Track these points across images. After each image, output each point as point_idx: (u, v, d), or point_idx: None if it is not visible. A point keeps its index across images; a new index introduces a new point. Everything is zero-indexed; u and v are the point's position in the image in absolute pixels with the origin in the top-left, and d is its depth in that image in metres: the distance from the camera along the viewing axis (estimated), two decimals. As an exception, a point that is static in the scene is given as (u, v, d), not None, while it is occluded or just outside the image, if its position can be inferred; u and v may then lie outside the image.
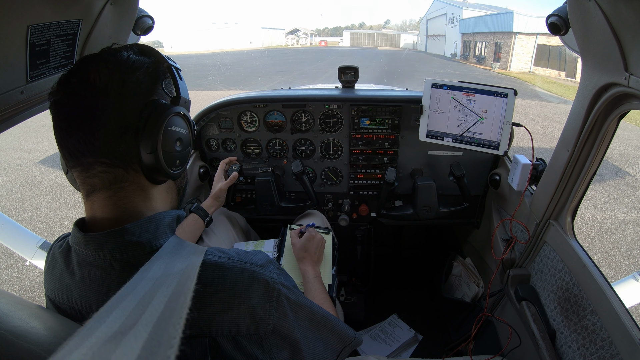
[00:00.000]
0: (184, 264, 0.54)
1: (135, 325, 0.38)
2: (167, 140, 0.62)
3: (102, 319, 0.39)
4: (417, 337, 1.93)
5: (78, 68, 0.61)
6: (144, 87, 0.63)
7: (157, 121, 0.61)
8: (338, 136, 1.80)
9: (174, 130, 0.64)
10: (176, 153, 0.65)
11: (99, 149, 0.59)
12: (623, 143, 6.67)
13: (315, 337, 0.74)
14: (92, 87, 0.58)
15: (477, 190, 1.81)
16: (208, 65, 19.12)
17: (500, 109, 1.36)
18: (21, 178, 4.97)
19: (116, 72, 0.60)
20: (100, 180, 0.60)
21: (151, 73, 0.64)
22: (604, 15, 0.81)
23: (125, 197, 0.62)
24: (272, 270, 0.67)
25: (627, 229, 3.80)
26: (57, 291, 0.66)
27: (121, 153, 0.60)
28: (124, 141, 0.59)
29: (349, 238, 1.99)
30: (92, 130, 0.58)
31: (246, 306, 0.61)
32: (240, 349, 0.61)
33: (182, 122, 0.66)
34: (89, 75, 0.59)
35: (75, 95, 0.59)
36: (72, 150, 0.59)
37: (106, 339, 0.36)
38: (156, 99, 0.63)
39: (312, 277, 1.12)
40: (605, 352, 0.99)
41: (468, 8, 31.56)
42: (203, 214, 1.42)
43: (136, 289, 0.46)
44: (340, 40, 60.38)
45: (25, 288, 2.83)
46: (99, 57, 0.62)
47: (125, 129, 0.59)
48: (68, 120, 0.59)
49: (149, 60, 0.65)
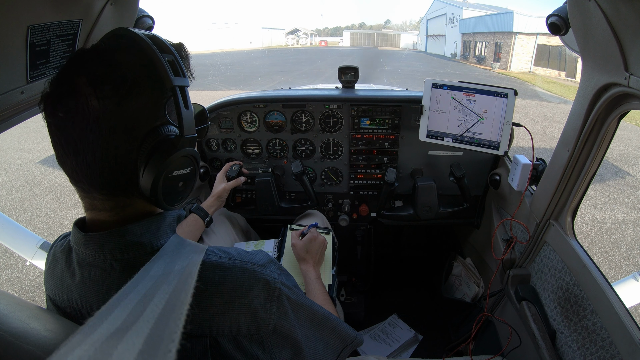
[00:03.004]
0: (184, 263, 0.54)
1: (137, 322, 0.38)
2: (169, 182, 0.58)
3: (105, 316, 0.40)
4: (417, 337, 1.93)
5: (64, 84, 0.53)
6: (144, 114, 0.56)
7: (159, 165, 0.55)
8: (338, 136, 1.80)
9: (177, 175, 0.59)
10: (179, 193, 0.61)
11: (97, 181, 0.56)
12: (623, 143, 6.67)
13: (316, 336, 0.74)
14: (83, 114, 0.52)
15: (477, 191, 1.81)
16: (208, 65, 19.10)
17: (501, 109, 1.36)
18: (21, 178, 4.97)
19: (110, 95, 0.53)
20: (101, 203, 0.59)
21: (153, 95, 0.57)
22: (604, 15, 0.81)
23: (129, 206, 0.62)
24: (273, 270, 0.67)
25: (627, 229, 3.80)
26: (58, 291, 0.65)
27: (121, 183, 0.57)
28: (124, 174, 0.56)
29: (349, 238, 1.99)
30: (87, 162, 0.54)
31: (247, 306, 0.61)
32: (241, 349, 0.61)
33: (188, 162, 0.61)
34: (78, 99, 0.52)
35: (64, 126, 0.53)
36: (69, 173, 0.57)
37: (108, 335, 0.37)
38: (159, 126, 0.57)
39: (313, 278, 1.12)
40: (605, 352, 0.99)
41: (468, 8, 31.55)
42: (203, 214, 1.42)
43: (138, 287, 0.47)
44: (340, 40, 60.36)
45: (26, 288, 2.83)
46: (89, 69, 0.54)
47: (124, 163, 0.55)
48: (62, 146, 0.55)
49: (151, 75, 0.56)
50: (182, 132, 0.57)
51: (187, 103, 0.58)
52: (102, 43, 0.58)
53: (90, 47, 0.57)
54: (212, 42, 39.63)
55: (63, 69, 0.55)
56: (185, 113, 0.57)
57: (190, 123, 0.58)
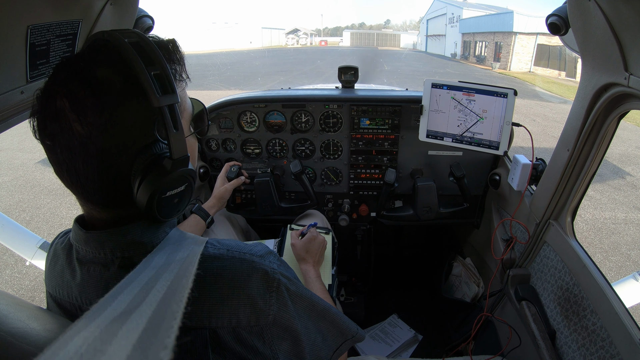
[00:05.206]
0: (185, 253, 0.55)
1: (140, 305, 0.40)
2: (164, 200, 0.57)
3: (108, 303, 0.42)
4: (417, 337, 1.93)
5: (48, 108, 0.51)
6: (132, 134, 0.54)
7: (152, 186, 0.54)
8: (338, 136, 1.80)
9: (172, 194, 0.58)
10: (175, 207, 0.61)
11: (93, 198, 0.57)
12: (623, 143, 6.67)
13: (315, 328, 0.74)
14: (69, 140, 0.51)
15: (477, 191, 1.81)
16: (208, 65, 19.09)
17: (500, 109, 1.36)
18: (21, 178, 4.97)
19: (94, 121, 0.51)
20: (99, 213, 0.60)
21: (139, 115, 0.54)
22: (604, 15, 0.81)
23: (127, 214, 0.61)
24: (272, 261, 0.67)
25: (627, 229, 3.80)
26: (58, 287, 0.66)
27: (117, 199, 0.57)
28: (119, 191, 0.56)
29: (349, 238, 1.99)
30: (81, 182, 0.54)
31: (246, 296, 0.61)
32: (241, 340, 0.61)
33: (183, 180, 0.59)
34: (63, 125, 0.51)
35: (52, 150, 0.53)
36: (66, 186, 0.57)
37: (112, 318, 0.38)
38: (150, 144, 0.56)
39: (313, 278, 1.12)
40: (605, 352, 0.99)
41: (468, 8, 31.54)
42: (204, 215, 1.42)
43: (140, 276, 0.48)
44: (340, 40, 60.33)
45: (25, 288, 2.83)
46: (70, 90, 0.51)
47: (118, 182, 0.55)
48: (55, 165, 0.55)
49: (136, 93, 0.53)
50: (172, 155, 0.55)
51: (177, 123, 0.55)
52: (84, 54, 0.55)
53: (73, 59, 0.54)
54: (212, 42, 39.63)
55: (48, 83, 0.53)
56: (174, 135, 0.54)
57: (180, 145, 0.56)
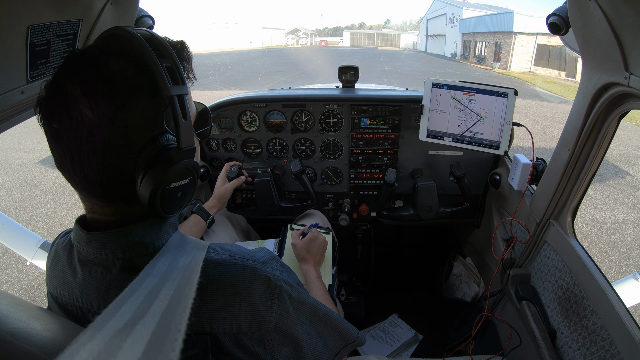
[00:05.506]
0: (187, 259, 0.55)
1: (144, 316, 0.40)
2: (167, 193, 0.57)
3: (112, 314, 0.41)
4: (417, 336, 1.93)
5: (58, 94, 0.52)
6: (141, 124, 0.54)
7: (156, 177, 0.54)
8: (338, 136, 1.80)
9: (176, 187, 0.58)
10: (178, 202, 0.60)
11: (95, 190, 0.56)
12: (623, 143, 6.67)
13: (317, 333, 0.74)
14: (77, 126, 0.51)
15: (478, 190, 1.81)
16: (208, 65, 19.08)
17: (501, 108, 1.36)
18: (21, 178, 4.96)
19: (105, 108, 0.51)
20: (101, 208, 0.59)
21: (150, 104, 0.54)
22: (604, 14, 0.81)
23: (129, 211, 0.61)
24: (275, 267, 0.67)
25: (628, 229, 3.80)
26: (59, 288, 0.65)
27: (120, 192, 0.57)
28: (122, 184, 0.55)
29: (349, 238, 1.99)
30: (84, 173, 0.54)
31: (247, 303, 0.61)
32: (242, 346, 0.61)
33: (187, 173, 0.59)
34: (72, 111, 0.51)
35: (58, 136, 0.53)
36: (68, 179, 0.57)
37: (117, 330, 0.38)
38: (157, 136, 0.56)
39: (314, 278, 1.12)
40: (605, 352, 0.99)
41: (468, 8, 31.54)
42: (205, 215, 1.42)
43: (143, 285, 0.48)
44: (341, 40, 60.36)
45: (26, 288, 2.83)
46: (82, 78, 0.51)
47: (122, 174, 0.55)
48: (58, 154, 0.54)
49: (147, 83, 0.53)
50: (180, 144, 0.55)
51: (186, 113, 0.55)
52: (97, 46, 0.56)
53: (85, 51, 0.55)
54: (212, 42, 39.61)
55: (57, 73, 0.54)
56: (183, 124, 0.54)
57: (188, 134, 0.56)
